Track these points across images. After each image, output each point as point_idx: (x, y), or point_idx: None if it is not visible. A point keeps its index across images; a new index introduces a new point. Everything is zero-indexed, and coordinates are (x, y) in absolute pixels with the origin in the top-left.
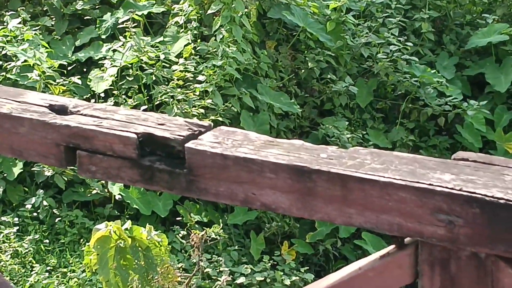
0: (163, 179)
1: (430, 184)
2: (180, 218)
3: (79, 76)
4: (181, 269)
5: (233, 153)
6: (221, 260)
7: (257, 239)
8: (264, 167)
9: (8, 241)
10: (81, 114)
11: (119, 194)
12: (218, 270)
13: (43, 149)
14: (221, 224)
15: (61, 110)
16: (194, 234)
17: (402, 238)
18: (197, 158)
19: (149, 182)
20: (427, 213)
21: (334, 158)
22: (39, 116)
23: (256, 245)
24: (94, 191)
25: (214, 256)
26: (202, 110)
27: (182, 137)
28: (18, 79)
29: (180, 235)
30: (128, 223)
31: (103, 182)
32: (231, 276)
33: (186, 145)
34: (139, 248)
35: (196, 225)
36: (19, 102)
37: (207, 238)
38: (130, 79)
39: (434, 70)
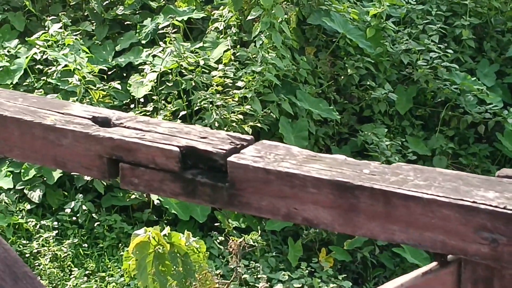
0: (205, 193)
1: (473, 202)
2: (218, 223)
3: (119, 81)
4: (219, 275)
5: (276, 167)
6: (259, 267)
7: (295, 246)
8: (306, 182)
9: (48, 245)
10: (124, 127)
11: (158, 199)
12: (255, 277)
13: (86, 161)
14: (259, 231)
15: (104, 122)
16: (233, 241)
17: (444, 255)
18: (240, 172)
19: (191, 195)
20: (471, 231)
21: (377, 174)
22: (83, 128)
23: (294, 251)
24: (133, 196)
25: (251, 262)
26: (241, 116)
27: (224, 151)
28: (59, 83)
29: (218, 241)
30: (167, 229)
31: None
32: (268, 283)
33: (229, 159)
34: (178, 254)
35: (234, 231)
36: (62, 113)
37: (245, 245)
38: (169, 84)
39: (475, 78)
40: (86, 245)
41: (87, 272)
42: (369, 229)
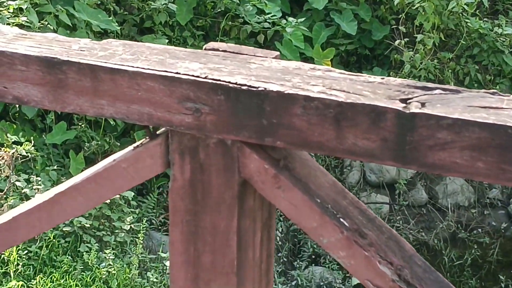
0: None
1: (177, 73)
2: None
3: None
4: None
5: None
6: (39, 180)
7: (77, 158)
8: (14, 60)
9: None
10: None
11: None
12: (36, 191)
13: None
14: (38, 143)
15: None
16: (5, 152)
17: (155, 129)
18: None
19: None
20: (175, 102)
21: (86, 50)
22: None
23: (76, 164)
24: None
25: (32, 176)
26: (16, 28)
27: None
28: None
29: None
30: None
31: None
32: None
33: None
34: None
35: (14, 145)
36: None
37: (18, 156)
38: None
39: None
40: None
41: None
42: (78, 105)
